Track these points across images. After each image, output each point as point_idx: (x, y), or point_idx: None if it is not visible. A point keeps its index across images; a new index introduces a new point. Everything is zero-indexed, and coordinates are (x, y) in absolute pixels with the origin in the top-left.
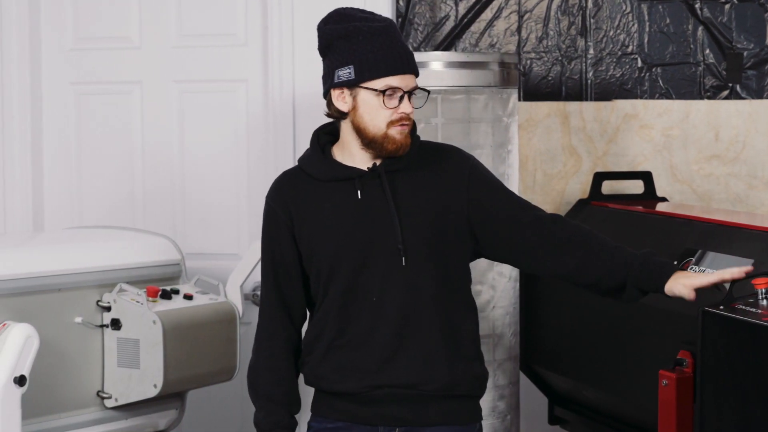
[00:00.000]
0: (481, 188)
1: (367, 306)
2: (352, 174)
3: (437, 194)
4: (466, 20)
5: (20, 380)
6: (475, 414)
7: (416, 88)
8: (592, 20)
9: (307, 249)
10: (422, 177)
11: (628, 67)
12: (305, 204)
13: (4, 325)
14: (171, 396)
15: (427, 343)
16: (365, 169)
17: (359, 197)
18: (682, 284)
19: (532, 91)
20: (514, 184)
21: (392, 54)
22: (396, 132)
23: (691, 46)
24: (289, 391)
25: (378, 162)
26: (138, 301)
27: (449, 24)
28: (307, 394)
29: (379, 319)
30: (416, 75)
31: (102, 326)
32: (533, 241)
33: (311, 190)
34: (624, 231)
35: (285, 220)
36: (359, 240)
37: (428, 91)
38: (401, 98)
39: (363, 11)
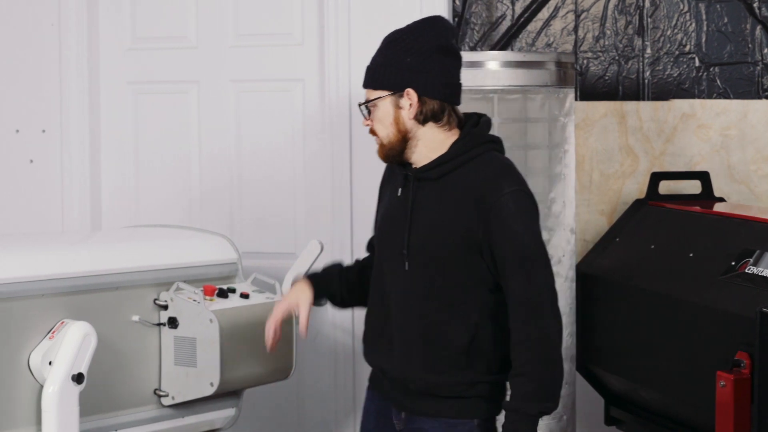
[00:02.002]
0: (496, 227)
1: (381, 295)
2: (402, 172)
3: (454, 213)
4: (522, 19)
5: (78, 378)
6: (467, 411)
7: (363, 102)
8: (649, 19)
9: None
10: (448, 191)
11: (685, 66)
12: (387, 184)
13: (63, 323)
14: (227, 394)
15: (409, 346)
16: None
17: (398, 194)
18: None
19: (589, 91)
20: (570, 184)
21: None
22: None
23: (749, 45)
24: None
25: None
26: (195, 300)
27: (506, 23)
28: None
29: (384, 310)
30: (371, 87)
31: (159, 324)
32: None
33: (395, 174)
34: (681, 231)
35: (380, 188)
36: (385, 234)
37: (362, 109)
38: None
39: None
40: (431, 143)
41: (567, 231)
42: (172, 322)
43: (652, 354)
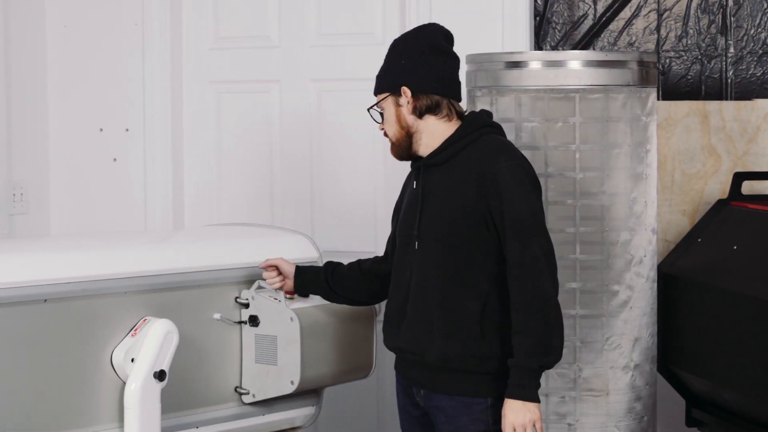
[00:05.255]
0: (494, 198)
1: (397, 277)
2: (416, 165)
3: (459, 191)
4: (604, 19)
5: (160, 375)
6: (482, 389)
7: (370, 106)
8: (732, 18)
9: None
10: (452, 173)
11: None
12: (408, 184)
13: (145, 320)
14: (307, 393)
15: (426, 318)
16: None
17: (414, 186)
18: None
19: (671, 90)
20: (652, 184)
21: None
22: None
23: None
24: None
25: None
26: (276, 299)
27: (587, 23)
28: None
29: (400, 290)
30: (377, 92)
31: (240, 323)
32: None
33: (412, 172)
34: (764, 232)
35: (402, 190)
36: (402, 221)
37: (372, 113)
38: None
39: None
40: (434, 134)
41: (649, 231)
42: (253, 321)
43: (734, 355)
